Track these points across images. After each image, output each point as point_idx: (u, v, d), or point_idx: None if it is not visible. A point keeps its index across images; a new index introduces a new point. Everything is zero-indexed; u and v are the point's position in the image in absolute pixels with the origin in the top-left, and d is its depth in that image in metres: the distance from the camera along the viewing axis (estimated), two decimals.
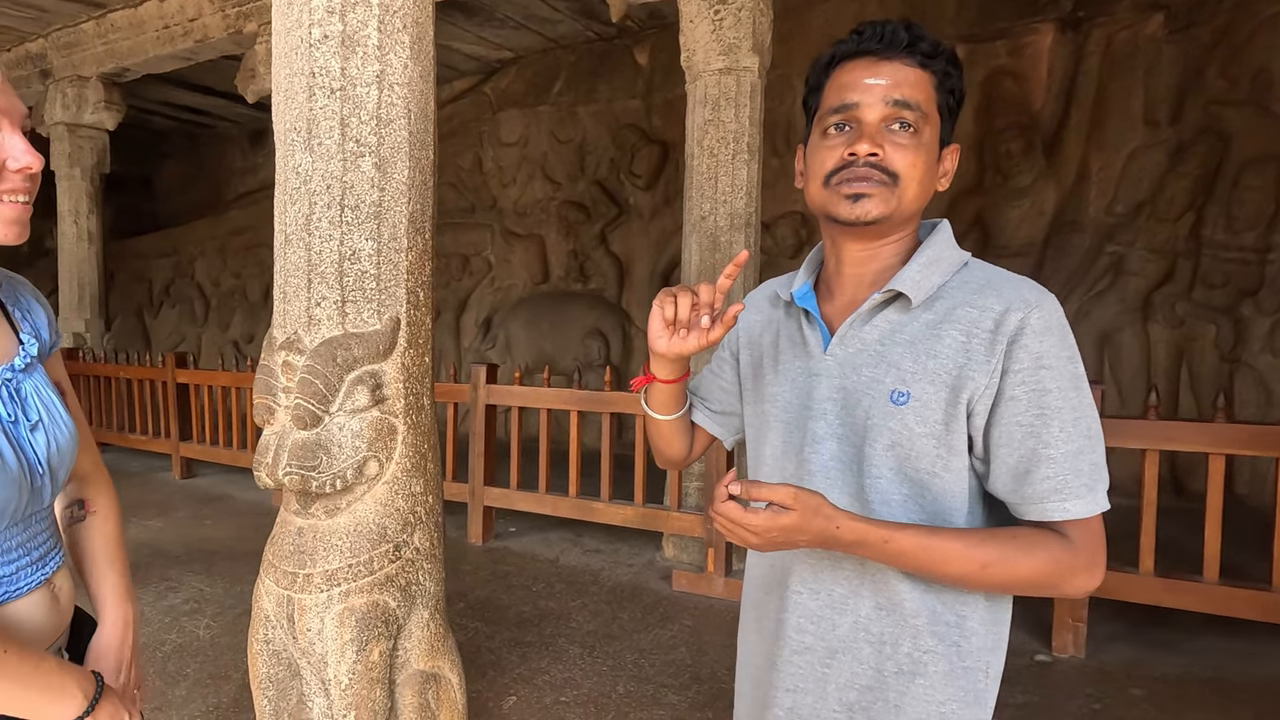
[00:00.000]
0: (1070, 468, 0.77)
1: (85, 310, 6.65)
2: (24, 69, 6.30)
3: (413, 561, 1.76)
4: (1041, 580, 0.78)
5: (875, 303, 0.85)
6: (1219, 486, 2.67)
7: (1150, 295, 4.82)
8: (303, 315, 1.61)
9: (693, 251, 3.63)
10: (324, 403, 1.58)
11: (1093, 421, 0.78)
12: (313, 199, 1.57)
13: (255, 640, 1.76)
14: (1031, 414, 0.77)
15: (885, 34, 0.81)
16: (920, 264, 0.84)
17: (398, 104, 1.59)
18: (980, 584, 0.78)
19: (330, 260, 1.58)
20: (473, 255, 7.35)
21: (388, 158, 1.59)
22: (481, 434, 4.00)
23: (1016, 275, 0.83)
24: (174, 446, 5.51)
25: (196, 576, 3.52)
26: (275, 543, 1.75)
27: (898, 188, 0.81)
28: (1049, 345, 0.77)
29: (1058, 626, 2.78)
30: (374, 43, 1.55)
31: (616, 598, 3.29)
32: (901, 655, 0.83)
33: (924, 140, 0.81)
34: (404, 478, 1.73)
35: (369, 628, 1.66)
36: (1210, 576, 2.65)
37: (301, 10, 1.53)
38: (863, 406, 0.83)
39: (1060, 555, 0.77)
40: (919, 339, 0.81)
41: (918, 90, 0.80)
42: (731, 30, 3.49)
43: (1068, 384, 0.77)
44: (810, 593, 0.87)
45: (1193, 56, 4.75)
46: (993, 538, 0.78)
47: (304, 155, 1.56)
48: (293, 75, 1.55)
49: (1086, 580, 0.78)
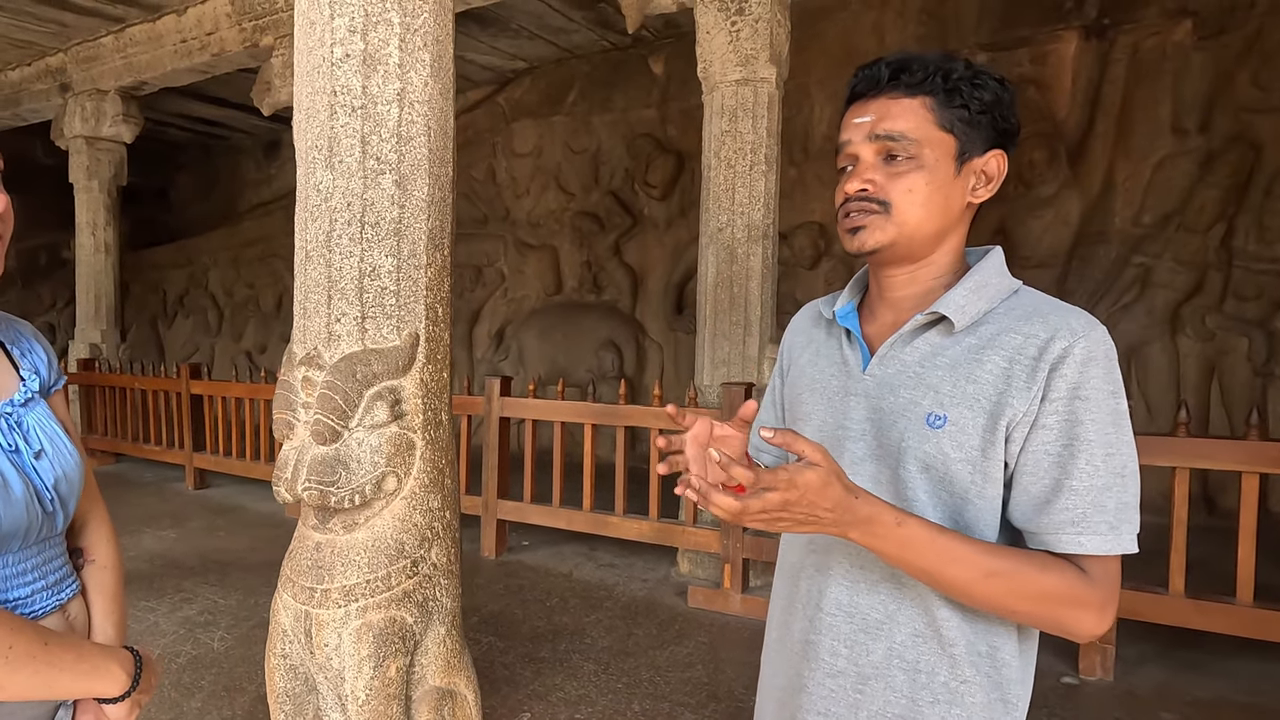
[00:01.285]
0: (1093, 502, 0.76)
1: (101, 321, 6.79)
2: (44, 83, 6.48)
3: (430, 577, 1.78)
4: (1045, 607, 0.77)
5: (918, 324, 0.86)
6: (1253, 506, 2.64)
7: (1179, 308, 4.78)
8: (323, 331, 1.65)
9: (709, 263, 3.66)
10: (343, 418, 1.62)
11: (1129, 461, 0.78)
12: (333, 216, 1.61)
13: (273, 655, 1.79)
14: (1061, 444, 0.77)
15: (869, 75, 0.86)
16: (967, 288, 0.85)
17: (418, 121, 1.63)
18: (981, 594, 0.77)
19: (350, 276, 1.62)
20: (486, 266, 7.43)
21: (408, 175, 1.63)
22: (495, 447, 4.03)
23: (1068, 305, 0.84)
24: (188, 457, 5.59)
25: (210, 588, 3.57)
26: (293, 557, 1.78)
27: (892, 215, 0.84)
28: (1090, 376, 0.77)
29: (1085, 648, 2.75)
30: (395, 61, 1.60)
31: (631, 613, 3.30)
32: (938, 684, 0.83)
33: (925, 163, 0.83)
34: (422, 493, 1.76)
35: (386, 644, 1.69)
36: (1244, 598, 2.62)
37: (324, 30, 1.57)
38: (898, 428, 0.84)
39: (1074, 584, 0.76)
40: (960, 363, 0.82)
41: (905, 119, 0.84)
42: (749, 41, 3.53)
43: (1105, 418, 0.77)
44: (845, 616, 0.87)
45: (1223, 63, 4.72)
46: (1008, 550, 0.78)
47: (325, 173, 1.60)
48: (314, 94, 1.59)
49: (1095, 621, 0.77)
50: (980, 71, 0.84)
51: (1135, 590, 2.74)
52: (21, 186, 7.34)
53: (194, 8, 5.24)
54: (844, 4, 5.60)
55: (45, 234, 9.31)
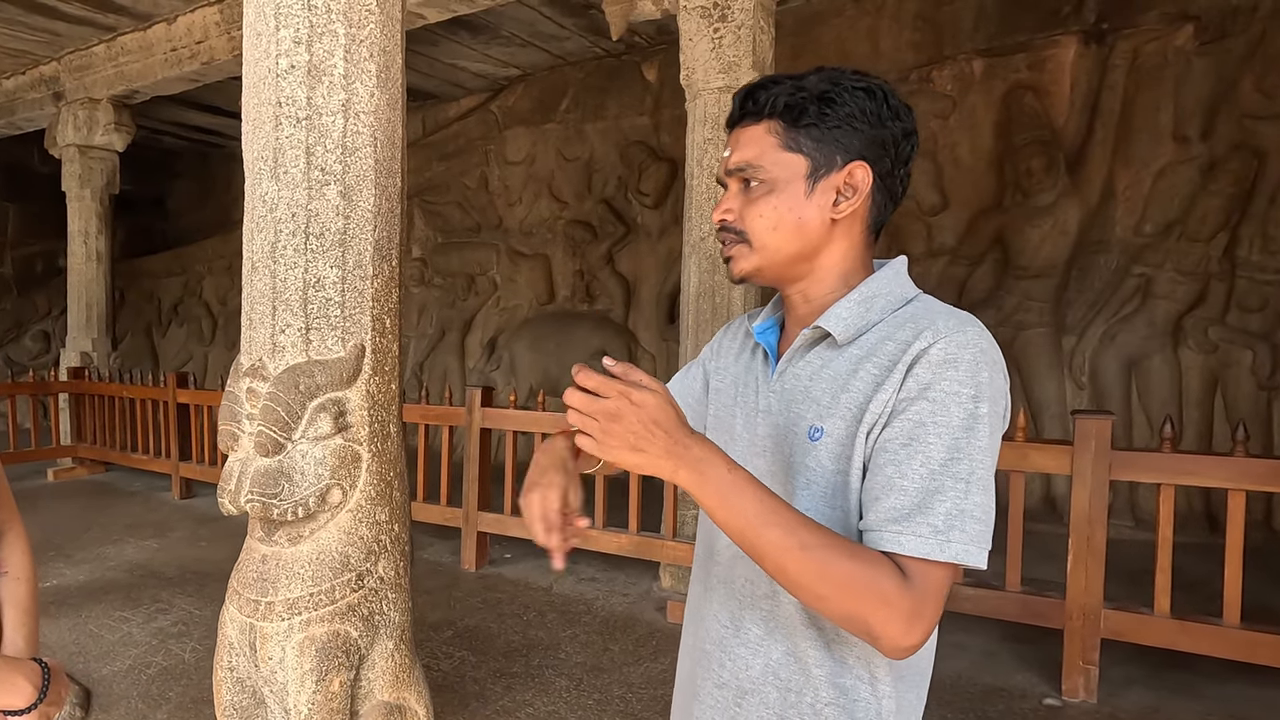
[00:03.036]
0: (920, 503, 0.73)
1: (92, 329, 6.88)
2: (38, 91, 6.60)
3: (376, 591, 1.80)
4: (851, 597, 0.72)
5: (805, 339, 0.88)
6: (1239, 523, 2.62)
7: (1181, 319, 4.74)
8: (267, 342, 1.67)
9: (692, 273, 3.68)
10: (286, 430, 1.64)
11: (977, 468, 0.74)
12: (278, 227, 1.64)
13: (220, 667, 1.81)
14: (900, 442, 0.76)
15: (731, 113, 0.91)
16: (852, 301, 0.86)
17: (364, 132, 1.66)
18: (794, 569, 0.72)
19: (295, 287, 1.65)
20: (478, 275, 7.48)
21: (353, 186, 1.66)
22: (476, 458, 4.05)
23: (953, 310, 0.83)
24: (174, 466, 5.65)
25: (188, 598, 3.60)
26: (240, 569, 1.80)
27: (751, 242, 0.88)
28: (944, 377, 0.76)
29: (1068, 668, 2.73)
30: (340, 72, 1.63)
31: (609, 629, 3.30)
32: (805, 705, 0.84)
33: (775, 188, 0.85)
34: (368, 506, 1.78)
35: (329, 658, 1.70)
36: (1231, 619, 2.60)
37: (269, 41, 1.61)
38: (789, 444, 0.85)
39: (883, 580, 0.71)
40: (840, 374, 0.83)
41: (751, 147, 0.87)
42: (731, 48, 3.56)
43: (955, 421, 0.75)
44: (733, 629, 0.90)
45: (1225, 68, 4.71)
46: (828, 532, 0.74)
47: (270, 184, 1.63)
48: (260, 105, 1.63)
49: (902, 628, 0.71)
50: (841, 84, 0.84)
51: (1119, 610, 2.73)
52: (18, 195, 7.53)
53: (184, 16, 5.34)
54: (839, 10, 5.63)
55: (41, 241, 9.48)
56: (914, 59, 5.46)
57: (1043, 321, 5.01)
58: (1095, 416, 2.79)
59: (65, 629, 3.26)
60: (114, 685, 2.77)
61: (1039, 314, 5.02)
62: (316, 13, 1.61)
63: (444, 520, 4.21)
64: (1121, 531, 4.06)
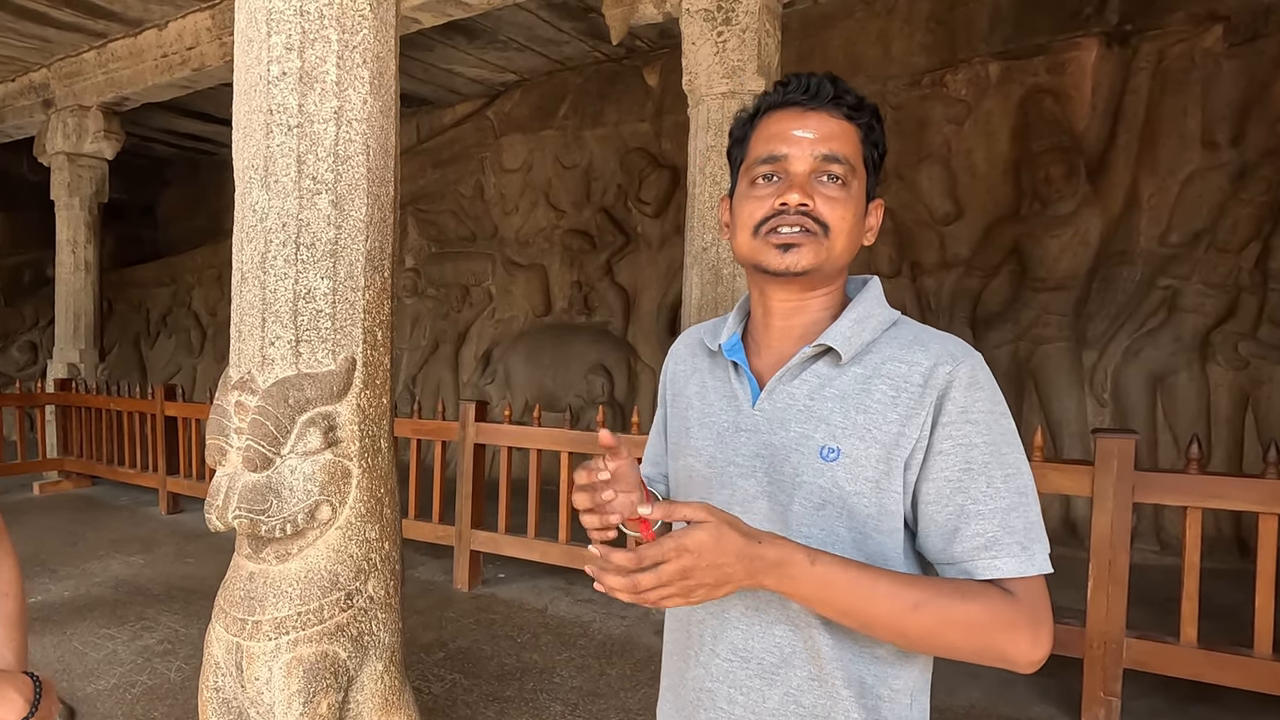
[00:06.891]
0: (1001, 524, 0.79)
1: (80, 340, 6.97)
2: (28, 99, 6.74)
3: (365, 611, 1.83)
4: (979, 634, 0.77)
5: (805, 356, 0.89)
6: (1271, 549, 2.59)
7: (1209, 334, 4.71)
8: (257, 355, 1.71)
9: (694, 285, 3.71)
10: (275, 444, 1.68)
11: (1026, 479, 0.82)
12: (269, 237, 1.68)
13: (205, 687, 1.83)
14: (959, 469, 0.81)
15: (811, 86, 0.87)
16: (851, 319, 0.89)
17: (356, 140, 1.71)
18: (914, 629, 0.77)
19: (285, 299, 1.69)
20: (473, 286, 7.51)
21: (345, 195, 1.71)
22: (469, 474, 4.08)
23: (944, 333, 0.89)
24: (161, 481, 5.70)
25: (174, 616, 3.63)
26: (227, 587, 1.83)
27: (828, 239, 0.87)
28: (976, 399, 0.82)
29: (1088, 700, 2.72)
30: (332, 79, 1.68)
31: (606, 652, 3.30)
32: None
33: (852, 193, 0.87)
34: (358, 523, 1.81)
35: (317, 679, 1.73)
36: (1262, 650, 2.57)
37: (261, 47, 1.66)
38: (791, 463, 0.86)
39: (1000, 607, 0.77)
40: (849, 393, 0.86)
41: (844, 143, 0.87)
42: (735, 53, 3.62)
43: (997, 439, 0.81)
44: (741, 662, 0.89)
45: (1257, 71, 4.69)
46: (926, 579, 0.80)
47: (260, 193, 1.68)
48: (251, 112, 1.68)
49: (1030, 642, 0.77)
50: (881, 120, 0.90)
51: (1143, 639, 2.71)
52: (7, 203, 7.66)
53: (175, 22, 5.45)
54: (848, 12, 5.69)
55: (30, 251, 9.61)
56: (926, 62, 5.50)
57: (1062, 335, 5.01)
58: (1118, 435, 2.78)
59: (49, 646, 3.29)
60: (98, 704, 2.79)
61: (1058, 328, 5.02)
62: (309, 18, 1.66)
63: (436, 538, 4.23)
64: (1146, 556, 4.04)
